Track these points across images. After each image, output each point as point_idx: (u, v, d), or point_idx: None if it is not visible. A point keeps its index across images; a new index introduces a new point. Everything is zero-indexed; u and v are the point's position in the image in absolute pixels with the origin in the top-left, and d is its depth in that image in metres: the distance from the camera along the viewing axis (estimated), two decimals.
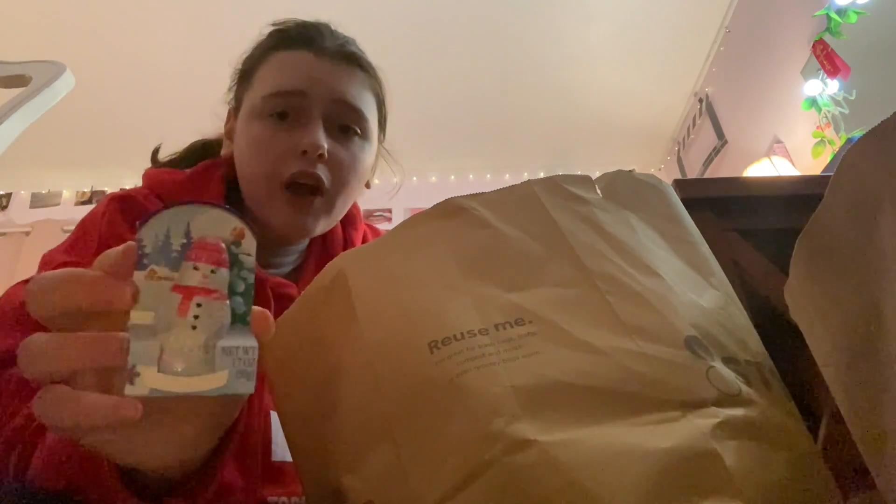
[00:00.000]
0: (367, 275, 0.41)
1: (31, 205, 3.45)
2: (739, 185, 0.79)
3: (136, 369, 0.27)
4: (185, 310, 0.28)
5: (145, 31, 2.71)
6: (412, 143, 0.81)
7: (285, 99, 0.65)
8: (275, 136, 0.64)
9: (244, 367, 0.29)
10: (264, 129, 0.65)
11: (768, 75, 2.55)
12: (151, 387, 0.27)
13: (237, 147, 0.69)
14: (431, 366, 0.35)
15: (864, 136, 0.34)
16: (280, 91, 0.65)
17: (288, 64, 0.67)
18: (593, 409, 0.33)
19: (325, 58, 0.67)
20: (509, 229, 0.42)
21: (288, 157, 0.63)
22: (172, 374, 0.27)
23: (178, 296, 0.28)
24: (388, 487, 0.34)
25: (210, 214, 0.30)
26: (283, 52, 0.68)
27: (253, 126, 0.65)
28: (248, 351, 0.29)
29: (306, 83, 0.65)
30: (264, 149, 0.64)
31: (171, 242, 0.29)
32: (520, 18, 2.80)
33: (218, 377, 0.28)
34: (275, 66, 0.67)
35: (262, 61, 0.69)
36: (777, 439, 0.35)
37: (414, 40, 2.81)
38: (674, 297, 0.39)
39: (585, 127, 3.37)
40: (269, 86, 0.66)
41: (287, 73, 0.66)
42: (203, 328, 0.28)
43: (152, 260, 0.28)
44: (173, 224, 0.29)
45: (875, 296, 0.32)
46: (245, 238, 0.30)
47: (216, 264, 0.29)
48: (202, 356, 0.28)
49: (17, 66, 0.96)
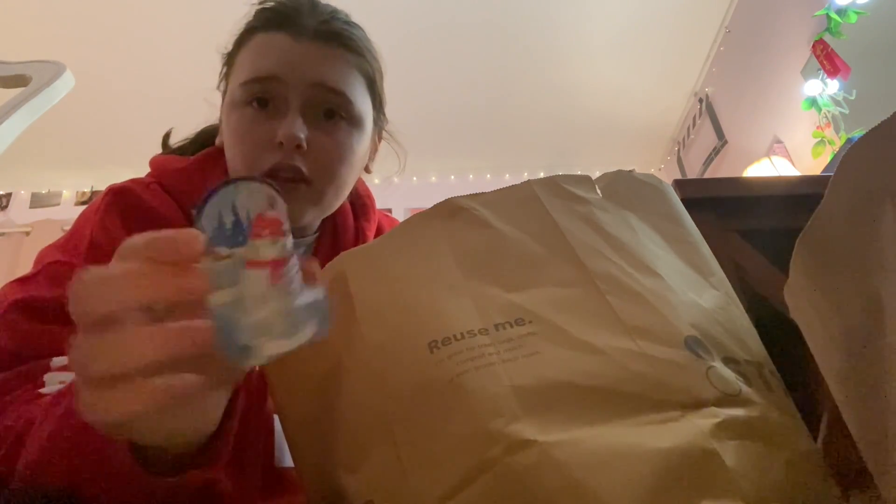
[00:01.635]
0: (367, 275, 0.41)
1: (31, 205, 3.45)
2: (739, 185, 0.79)
3: (250, 343, 0.29)
4: (278, 277, 0.31)
5: (145, 31, 2.71)
6: (412, 143, 0.80)
7: (262, 85, 0.62)
8: (253, 127, 0.62)
9: (325, 313, 0.32)
10: (242, 118, 0.62)
11: (768, 75, 2.55)
12: (268, 354, 0.29)
13: (224, 137, 0.67)
14: (431, 366, 0.35)
15: (864, 136, 0.34)
16: (255, 77, 0.62)
17: (264, 47, 0.63)
18: (593, 409, 0.33)
19: (304, 39, 0.63)
20: (509, 229, 0.42)
21: (266, 149, 0.61)
22: (282, 336, 0.30)
23: (258, 270, 0.30)
24: (389, 487, 0.34)
25: (247, 187, 0.32)
26: (262, 34, 0.64)
27: (233, 115, 0.63)
28: (324, 300, 0.32)
29: (282, 68, 0.61)
30: (242, 139, 0.62)
31: (225, 223, 0.31)
32: (519, 19, 2.80)
33: (311, 326, 0.31)
34: (252, 50, 0.64)
35: (243, 44, 0.66)
36: (777, 439, 0.35)
37: (414, 41, 2.81)
38: (674, 297, 0.39)
39: (585, 127, 3.37)
40: (246, 72, 0.63)
41: (263, 57, 0.62)
42: (292, 291, 0.31)
43: (213, 243, 0.30)
44: (222, 207, 0.31)
45: (875, 295, 0.32)
46: (278, 203, 0.33)
47: (280, 235, 0.32)
48: (298, 314, 0.31)
49: (17, 66, 0.96)
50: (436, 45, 2.89)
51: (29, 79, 0.93)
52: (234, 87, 0.64)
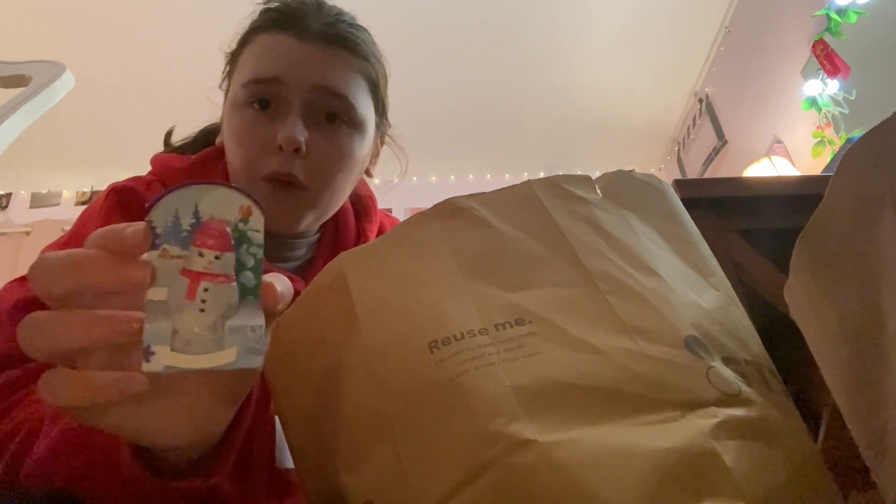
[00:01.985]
0: (366, 275, 0.41)
1: (31, 205, 3.45)
2: (739, 185, 0.79)
3: (150, 348, 0.28)
4: (194, 293, 0.30)
5: (146, 30, 2.71)
6: (412, 143, 0.80)
7: (264, 87, 0.61)
8: (253, 128, 0.61)
9: (252, 344, 0.30)
10: (243, 119, 0.62)
11: (768, 75, 2.55)
12: (166, 364, 0.28)
13: (224, 137, 0.67)
14: (431, 366, 0.35)
15: (864, 136, 0.34)
16: (257, 79, 0.61)
17: (268, 48, 0.63)
18: (593, 409, 0.33)
19: (308, 41, 0.62)
20: (509, 229, 0.42)
21: (265, 152, 0.61)
22: (184, 352, 0.29)
23: (187, 280, 0.30)
24: (388, 487, 0.34)
25: (217, 193, 0.31)
26: (265, 35, 0.64)
27: (234, 116, 0.63)
28: (254, 329, 0.30)
29: (284, 70, 0.61)
30: (242, 140, 0.62)
31: (181, 223, 0.30)
32: (520, 18, 2.80)
33: (227, 354, 0.29)
34: (256, 51, 0.64)
35: (247, 44, 0.66)
36: (777, 439, 0.35)
37: (414, 41, 2.81)
38: (674, 297, 0.39)
39: (585, 127, 3.37)
40: (249, 72, 0.62)
41: (266, 58, 0.62)
42: (211, 310, 0.30)
43: (164, 240, 0.29)
44: (182, 205, 0.30)
45: (875, 296, 0.32)
46: (253, 215, 0.31)
47: (221, 250, 0.30)
48: (212, 336, 0.30)
49: (17, 66, 0.96)
50: (436, 46, 2.89)
51: (29, 79, 0.93)
52: (237, 88, 0.63)
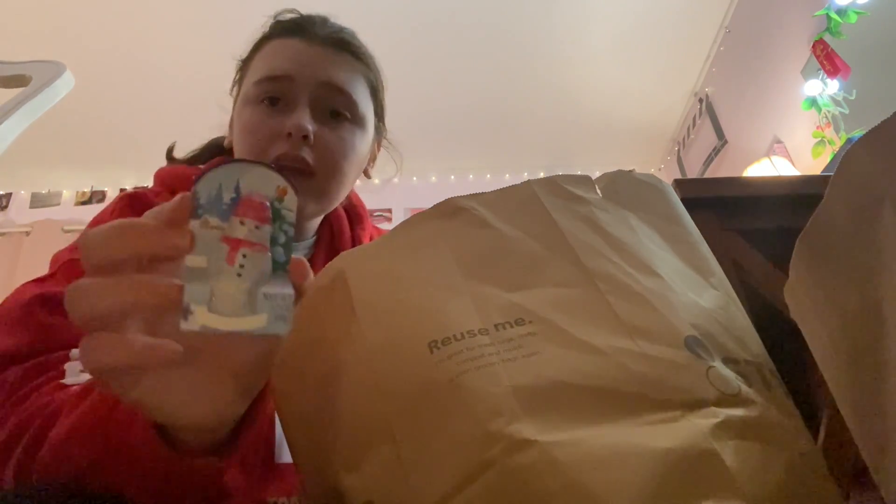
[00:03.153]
0: (367, 275, 0.41)
1: (31, 205, 3.45)
2: (739, 185, 0.79)
3: (190, 307, 0.30)
4: (233, 259, 0.32)
5: (145, 30, 2.71)
6: (412, 143, 0.81)
7: (274, 84, 0.66)
8: (263, 121, 0.66)
9: (282, 311, 0.32)
10: (254, 113, 0.66)
11: (768, 75, 2.55)
12: (202, 324, 0.30)
13: (234, 133, 0.71)
14: (431, 366, 0.35)
15: (864, 136, 0.34)
16: (269, 76, 0.66)
17: (279, 50, 0.68)
18: (593, 409, 0.33)
19: (315, 44, 0.68)
20: (509, 229, 0.42)
21: (274, 140, 0.65)
22: (220, 314, 0.31)
23: (227, 246, 0.32)
24: (388, 487, 0.34)
25: (257, 172, 0.33)
26: (276, 40, 0.69)
27: (245, 112, 0.67)
28: (285, 298, 0.33)
29: (294, 67, 0.66)
30: (252, 132, 0.66)
31: (223, 196, 0.32)
32: (520, 19, 2.80)
33: (259, 318, 0.32)
34: (267, 54, 0.69)
35: (258, 50, 0.71)
36: (777, 439, 0.35)
37: (414, 41, 2.81)
38: (674, 297, 0.39)
39: (585, 127, 3.37)
40: (260, 71, 0.67)
41: (277, 58, 0.67)
42: (247, 276, 0.32)
43: (206, 211, 0.32)
44: (225, 179, 0.32)
45: (875, 296, 0.32)
46: (287, 195, 0.34)
47: (260, 221, 0.33)
48: (246, 300, 0.32)
49: (17, 66, 0.96)
50: (436, 46, 2.89)
51: (29, 79, 0.92)
52: (248, 86, 0.68)
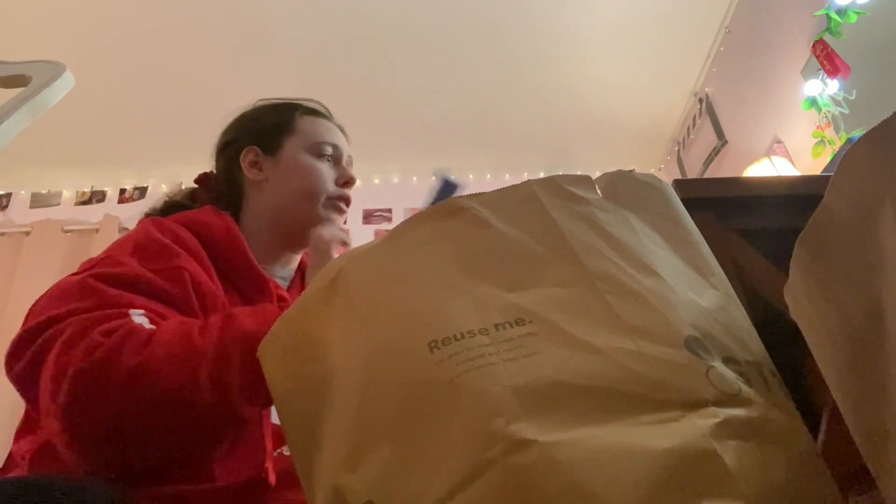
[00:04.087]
0: (367, 274, 0.41)
1: (31, 205, 3.44)
2: (739, 185, 0.79)
3: None
4: None
5: (146, 30, 2.70)
6: (412, 143, 0.81)
7: (330, 147, 0.92)
8: (323, 167, 0.90)
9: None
10: (317, 161, 0.90)
11: (768, 75, 2.55)
12: None
13: (280, 173, 0.89)
14: (431, 366, 0.35)
15: (864, 136, 0.34)
16: (328, 141, 0.92)
17: (326, 126, 0.95)
18: (593, 409, 0.33)
19: (340, 131, 0.97)
20: (509, 229, 0.42)
21: (330, 182, 0.90)
22: None
23: None
24: (389, 487, 0.34)
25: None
26: (319, 118, 0.95)
27: (306, 158, 0.90)
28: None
29: (341, 141, 0.95)
30: (319, 172, 0.89)
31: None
32: (519, 18, 2.80)
33: None
34: (317, 124, 0.94)
35: (301, 118, 0.94)
36: (777, 439, 0.35)
37: (414, 41, 2.81)
38: (674, 297, 0.39)
39: (585, 127, 3.37)
40: (321, 135, 0.92)
41: (328, 131, 0.94)
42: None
43: None
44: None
45: (875, 295, 0.32)
46: None
47: None
48: None
49: (17, 66, 0.96)
50: (436, 46, 2.89)
51: (29, 79, 0.92)
52: (308, 142, 0.91)
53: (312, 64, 2.71)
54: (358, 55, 2.69)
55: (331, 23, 2.56)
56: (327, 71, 2.71)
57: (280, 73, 2.68)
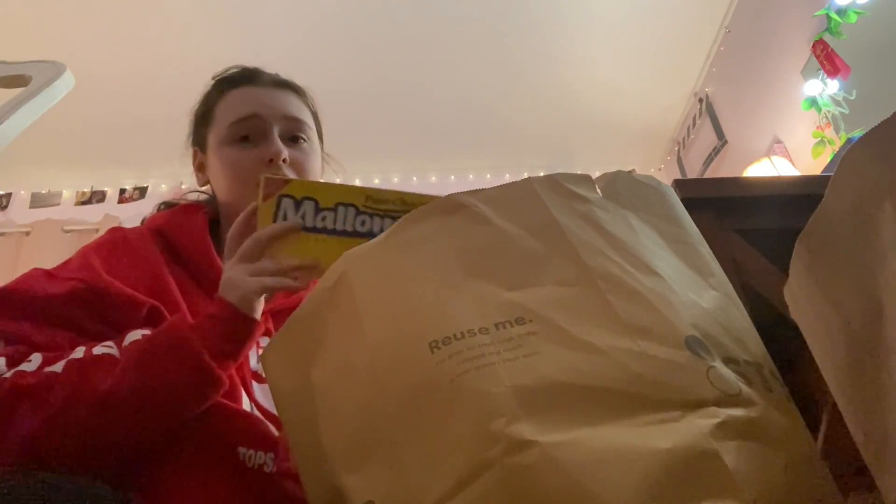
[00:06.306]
0: (368, 274, 0.41)
1: (31, 205, 3.44)
2: (739, 185, 0.79)
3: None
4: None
5: (146, 30, 2.70)
6: (413, 143, 0.81)
7: (245, 123, 0.81)
8: (243, 154, 0.80)
9: None
10: (233, 151, 0.80)
11: (768, 75, 2.55)
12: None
13: (213, 173, 0.84)
14: (432, 366, 0.35)
15: (864, 136, 0.34)
16: (239, 118, 0.81)
17: (240, 97, 0.83)
18: (593, 409, 0.33)
19: (267, 87, 0.85)
20: (510, 226, 0.42)
21: (258, 168, 0.77)
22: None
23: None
24: (389, 487, 0.34)
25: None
26: (234, 90, 0.84)
27: (223, 151, 0.81)
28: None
29: (259, 108, 0.82)
30: (238, 165, 0.79)
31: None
32: (519, 18, 2.80)
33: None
34: (230, 102, 0.83)
35: (217, 102, 0.85)
36: (777, 439, 0.35)
37: (414, 40, 2.81)
38: (674, 297, 0.39)
39: (585, 126, 3.37)
40: (230, 116, 0.81)
41: (242, 103, 0.83)
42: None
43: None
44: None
45: (875, 295, 0.32)
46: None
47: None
48: None
49: (17, 66, 0.96)
50: (435, 45, 2.89)
51: (29, 79, 0.92)
52: (221, 131, 0.81)
53: (312, 64, 2.71)
54: (358, 55, 2.69)
55: (330, 23, 2.56)
56: (327, 71, 2.72)
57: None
